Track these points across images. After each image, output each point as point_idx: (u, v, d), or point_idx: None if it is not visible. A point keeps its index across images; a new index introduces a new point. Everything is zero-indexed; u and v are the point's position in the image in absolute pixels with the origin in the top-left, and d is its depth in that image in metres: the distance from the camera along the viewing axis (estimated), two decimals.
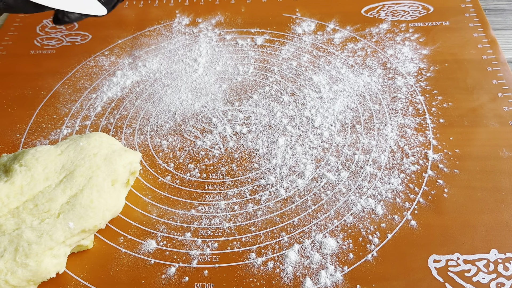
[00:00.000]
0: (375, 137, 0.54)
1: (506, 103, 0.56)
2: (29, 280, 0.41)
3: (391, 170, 0.50)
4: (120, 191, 0.48)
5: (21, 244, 0.41)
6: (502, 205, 0.46)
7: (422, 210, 0.47)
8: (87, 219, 0.44)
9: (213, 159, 0.53)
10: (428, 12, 0.70)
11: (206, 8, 0.74)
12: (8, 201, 0.43)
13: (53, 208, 0.44)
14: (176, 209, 0.49)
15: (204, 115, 0.58)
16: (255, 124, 0.57)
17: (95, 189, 0.45)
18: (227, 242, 0.46)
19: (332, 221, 0.46)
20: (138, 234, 0.47)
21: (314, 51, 0.65)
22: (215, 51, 0.67)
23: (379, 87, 0.60)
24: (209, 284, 0.43)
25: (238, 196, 0.49)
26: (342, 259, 0.43)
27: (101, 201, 0.45)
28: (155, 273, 0.44)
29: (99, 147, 0.49)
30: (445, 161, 0.51)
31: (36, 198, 0.44)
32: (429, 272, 0.42)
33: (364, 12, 0.71)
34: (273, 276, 0.43)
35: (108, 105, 0.61)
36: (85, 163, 0.47)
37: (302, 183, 0.50)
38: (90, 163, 0.47)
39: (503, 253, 0.43)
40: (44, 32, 0.73)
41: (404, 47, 0.64)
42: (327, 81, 0.61)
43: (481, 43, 0.64)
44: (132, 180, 0.51)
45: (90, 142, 0.49)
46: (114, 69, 0.66)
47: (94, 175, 0.46)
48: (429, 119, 0.55)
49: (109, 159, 0.48)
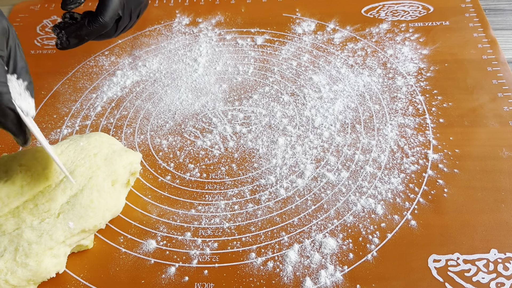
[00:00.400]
0: (375, 137, 0.54)
1: (506, 103, 0.56)
2: (29, 279, 0.41)
3: (391, 170, 0.50)
4: (120, 191, 0.48)
5: (21, 244, 0.41)
6: (502, 205, 0.46)
7: (422, 210, 0.47)
8: (87, 219, 0.44)
9: (213, 159, 0.53)
10: (428, 12, 0.70)
11: (206, 8, 0.74)
12: (8, 200, 0.43)
13: (53, 208, 0.44)
14: (176, 209, 0.49)
15: (204, 115, 0.58)
16: (255, 124, 0.57)
17: (95, 189, 0.45)
18: (227, 242, 0.46)
19: (332, 221, 0.46)
20: (138, 233, 0.47)
21: (314, 51, 0.65)
22: (215, 51, 0.67)
23: (379, 87, 0.60)
24: (209, 284, 0.43)
25: (238, 196, 0.49)
26: (342, 259, 0.43)
27: (101, 201, 0.45)
28: (155, 272, 0.44)
29: (100, 147, 0.49)
30: (445, 161, 0.51)
31: (36, 198, 0.44)
32: (429, 272, 0.42)
33: (364, 12, 0.71)
34: (273, 275, 0.43)
35: (108, 105, 0.61)
36: (85, 163, 0.47)
37: (302, 183, 0.50)
38: (90, 163, 0.47)
39: (503, 253, 0.43)
40: (44, 32, 0.73)
41: (404, 47, 0.64)
42: (327, 81, 0.61)
43: (481, 43, 0.64)
44: (133, 181, 0.51)
45: (90, 142, 0.49)
46: (114, 69, 0.66)
47: (94, 175, 0.46)
48: (429, 119, 0.55)
49: (109, 159, 0.48)
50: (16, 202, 0.44)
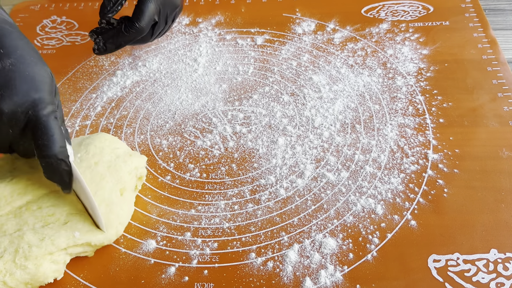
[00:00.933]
0: (375, 137, 0.54)
1: (506, 103, 0.56)
2: (27, 283, 0.41)
3: (391, 170, 0.50)
4: (130, 199, 0.47)
5: (21, 246, 0.41)
6: (502, 205, 0.46)
7: (422, 210, 0.47)
8: (95, 233, 0.43)
9: (213, 159, 0.53)
10: (428, 12, 0.70)
11: (206, 8, 0.74)
12: (11, 199, 0.43)
13: (58, 212, 0.43)
14: (176, 209, 0.49)
15: (204, 115, 0.58)
16: (255, 124, 0.57)
17: (103, 204, 0.43)
18: (227, 242, 0.46)
19: (332, 221, 0.46)
20: (138, 233, 0.47)
21: (314, 51, 0.65)
22: (215, 51, 0.67)
23: (379, 87, 0.60)
24: (209, 284, 0.43)
25: (238, 196, 0.49)
26: (342, 259, 0.43)
27: (111, 216, 0.43)
28: (155, 272, 0.44)
29: (100, 154, 0.46)
30: (445, 161, 0.51)
31: (40, 200, 0.43)
32: (429, 272, 0.42)
33: (364, 12, 0.71)
34: (273, 276, 0.43)
35: (108, 105, 0.61)
36: (86, 176, 0.44)
37: (302, 183, 0.50)
38: (91, 174, 0.44)
39: (503, 253, 0.43)
40: (44, 32, 0.73)
41: (404, 47, 0.64)
42: (327, 81, 0.61)
43: (481, 43, 0.64)
44: (140, 185, 0.50)
45: (88, 150, 0.46)
46: (114, 69, 0.66)
47: (99, 188, 0.44)
48: (429, 119, 0.55)
49: (113, 167, 0.46)
50: (19, 202, 0.43)
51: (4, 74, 0.40)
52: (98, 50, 0.56)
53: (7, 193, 0.43)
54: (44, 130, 0.39)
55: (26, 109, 0.39)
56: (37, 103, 0.40)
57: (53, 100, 0.41)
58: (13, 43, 0.42)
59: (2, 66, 0.40)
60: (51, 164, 0.40)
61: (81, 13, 0.76)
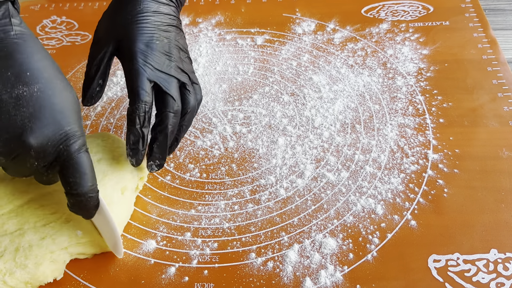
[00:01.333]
0: (375, 137, 0.54)
1: (506, 103, 0.56)
2: (27, 282, 0.41)
3: (391, 170, 0.50)
4: (130, 199, 0.47)
5: (21, 245, 0.41)
6: (502, 205, 0.46)
7: (422, 210, 0.47)
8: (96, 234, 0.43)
9: (213, 159, 0.53)
10: (428, 12, 0.70)
11: (206, 8, 0.74)
12: (13, 197, 0.43)
13: (60, 211, 0.43)
14: (176, 209, 0.49)
15: (204, 115, 0.58)
16: (255, 124, 0.57)
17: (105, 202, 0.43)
18: (227, 242, 0.46)
19: (332, 221, 0.46)
20: (138, 234, 0.47)
21: (314, 51, 0.65)
22: (215, 51, 0.67)
23: (379, 87, 0.60)
24: (209, 284, 0.43)
25: (238, 196, 0.49)
26: (342, 259, 0.43)
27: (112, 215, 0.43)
28: (155, 273, 0.44)
29: (103, 152, 0.46)
30: (445, 161, 0.51)
31: (42, 198, 0.43)
32: (429, 272, 0.42)
33: (364, 12, 0.71)
34: (273, 276, 0.43)
35: (108, 105, 0.61)
36: None
37: (302, 183, 0.50)
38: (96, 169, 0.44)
39: (503, 253, 0.43)
40: (44, 32, 0.73)
41: (404, 47, 0.64)
42: (327, 81, 0.61)
43: (481, 43, 0.64)
44: (141, 185, 0.50)
45: (92, 148, 0.46)
46: (114, 69, 0.66)
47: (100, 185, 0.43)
48: (429, 119, 0.55)
49: (116, 165, 0.46)
50: (21, 200, 0.43)
51: (32, 103, 0.35)
52: (158, 166, 0.46)
53: (8, 192, 0.43)
54: (76, 167, 0.37)
55: (57, 143, 0.36)
56: (68, 137, 0.36)
57: (83, 131, 0.38)
58: (39, 65, 0.37)
59: (30, 93, 0.35)
60: (81, 202, 0.38)
61: (81, 13, 0.76)
